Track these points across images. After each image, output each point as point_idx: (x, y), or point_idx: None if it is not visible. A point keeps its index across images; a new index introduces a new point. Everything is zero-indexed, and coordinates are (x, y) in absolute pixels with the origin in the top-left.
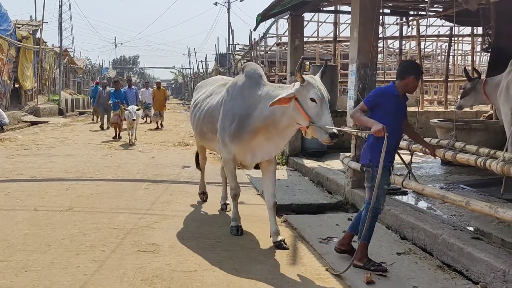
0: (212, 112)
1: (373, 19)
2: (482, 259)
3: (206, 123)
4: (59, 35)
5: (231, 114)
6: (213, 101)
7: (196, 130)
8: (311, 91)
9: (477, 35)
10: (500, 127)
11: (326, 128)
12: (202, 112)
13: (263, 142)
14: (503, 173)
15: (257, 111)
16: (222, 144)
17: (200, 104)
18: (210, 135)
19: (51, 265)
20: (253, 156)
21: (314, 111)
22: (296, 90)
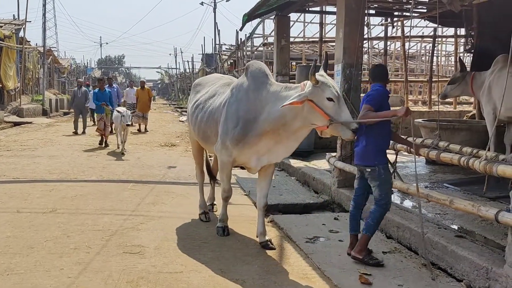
0: (215, 114)
1: (358, 19)
2: (466, 257)
3: (209, 125)
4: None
5: (235, 117)
6: (216, 102)
7: (198, 133)
8: (327, 90)
9: (460, 36)
10: (483, 127)
11: (349, 125)
12: (205, 114)
13: (272, 145)
14: (486, 172)
15: (263, 115)
16: (221, 146)
17: (203, 105)
18: (213, 139)
19: (34, 268)
20: (259, 159)
21: (333, 110)
22: (310, 92)
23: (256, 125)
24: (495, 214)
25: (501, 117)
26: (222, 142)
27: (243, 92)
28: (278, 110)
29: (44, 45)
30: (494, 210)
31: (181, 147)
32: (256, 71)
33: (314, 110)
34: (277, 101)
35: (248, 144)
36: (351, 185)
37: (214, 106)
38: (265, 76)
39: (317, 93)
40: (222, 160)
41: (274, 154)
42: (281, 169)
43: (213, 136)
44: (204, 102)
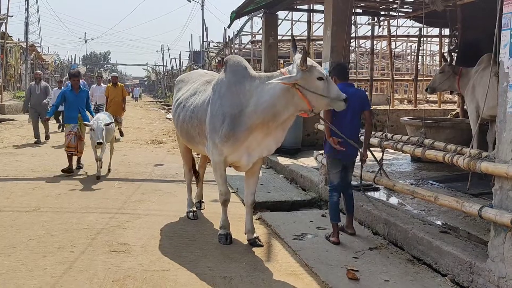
0: (198, 113)
1: (346, 18)
2: (450, 252)
3: (192, 125)
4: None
5: (220, 113)
6: (198, 100)
7: (182, 132)
8: (316, 71)
9: (444, 36)
10: (466, 125)
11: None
12: (187, 113)
13: (261, 139)
14: (469, 168)
15: (250, 107)
16: (212, 145)
17: (184, 104)
18: (198, 138)
19: (17, 268)
20: (250, 155)
21: (324, 88)
22: (300, 76)
23: (244, 119)
24: (479, 210)
25: (484, 116)
26: (211, 141)
27: (225, 87)
28: (266, 101)
29: (26, 40)
30: (478, 206)
31: (168, 144)
32: (234, 65)
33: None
34: (263, 92)
35: (238, 140)
36: None
37: (197, 105)
38: (244, 69)
39: (307, 76)
40: (213, 160)
41: (264, 148)
42: (268, 167)
43: (197, 135)
44: (186, 100)
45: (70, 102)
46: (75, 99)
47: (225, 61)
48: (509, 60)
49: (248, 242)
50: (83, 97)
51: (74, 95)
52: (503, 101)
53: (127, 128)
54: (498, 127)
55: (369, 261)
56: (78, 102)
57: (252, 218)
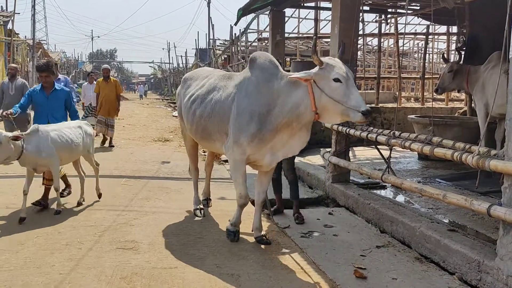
0: (220, 109)
1: (353, 16)
2: (458, 250)
3: (212, 121)
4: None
5: (248, 112)
6: (219, 96)
7: (197, 129)
8: (333, 71)
9: (452, 33)
10: (474, 123)
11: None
12: (206, 109)
13: (286, 139)
14: (478, 166)
15: (277, 107)
16: (234, 144)
17: (201, 100)
18: (216, 135)
19: (24, 265)
20: (273, 155)
21: (340, 92)
22: (315, 73)
23: (271, 119)
24: (487, 208)
25: (493, 114)
26: (234, 139)
27: (253, 85)
28: (291, 102)
29: (33, 38)
30: (486, 204)
31: (175, 142)
32: (265, 63)
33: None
34: (288, 92)
35: (264, 140)
36: (346, 180)
37: (218, 101)
38: (275, 67)
39: (322, 74)
40: (235, 158)
41: (289, 148)
42: None
43: (216, 132)
44: (203, 96)
45: (38, 107)
46: (45, 102)
47: (252, 58)
48: None
49: (256, 239)
50: (58, 99)
51: (44, 97)
52: None
53: (133, 126)
54: (508, 125)
55: (377, 259)
56: (49, 108)
57: (260, 216)
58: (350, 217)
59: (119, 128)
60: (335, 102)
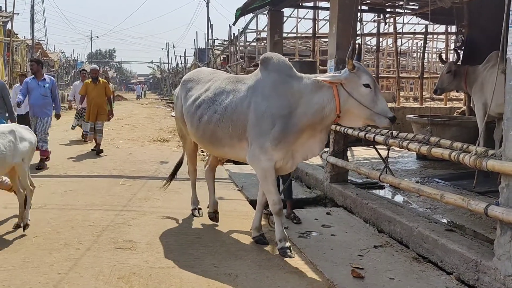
0: (232, 114)
1: (352, 15)
2: (456, 250)
3: (222, 127)
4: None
5: (269, 115)
6: (230, 101)
7: (203, 134)
8: (364, 76)
9: (451, 33)
10: (473, 123)
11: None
12: (214, 114)
13: (306, 141)
14: (476, 166)
15: (300, 108)
16: (260, 150)
17: (209, 105)
18: (227, 141)
19: (23, 264)
20: (293, 158)
21: (369, 97)
22: (345, 77)
23: (294, 121)
24: (485, 208)
25: (491, 113)
26: (259, 146)
27: (269, 87)
28: (316, 103)
29: (32, 38)
30: (484, 204)
31: (174, 142)
32: (279, 65)
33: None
34: (313, 93)
35: (288, 143)
36: (344, 180)
37: (229, 106)
38: (290, 68)
39: (353, 79)
40: (263, 166)
41: (308, 150)
42: None
43: (227, 137)
44: (210, 101)
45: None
46: None
47: (265, 59)
48: None
49: (254, 239)
50: None
51: None
52: (511, 98)
53: (132, 126)
54: (505, 125)
55: (374, 259)
56: None
57: (261, 216)
58: (348, 217)
59: (118, 128)
60: (363, 106)
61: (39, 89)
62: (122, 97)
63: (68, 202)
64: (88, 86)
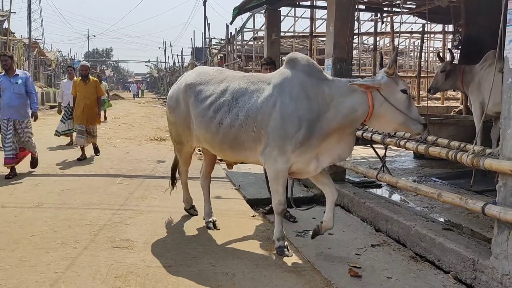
0: (257, 114)
1: (349, 14)
2: (453, 249)
3: (246, 130)
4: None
5: (296, 118)
6: (255, 102)
7: (223, 139)
8: (401, 82)
9: (448, 32)
10: (470, 122)
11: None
12: (237, 117)
13: (333, 145)
14: (473, 165)
15: (330, 112)
16: (278, 152)
17: (230, 108)
18: (250, 144)
19: (20, 263)
20: (319, 161)
21: (405, 103)
22: (384, 82)
23: (321, 124)
24: (482, 207)
25: (489, 112)
26: (279, 148)
27: (298, 89)
28: (348, 107)
29: (29, 37)
30: (481, 203)
31: (171, 141)
32: (308, 65)
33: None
34: (345, 96)
35: (311, 147)
36: (341, 179)
37: (253, 107)
38: (320, 71)
39: (391, 84)
40: (278, 168)
41: (335, 154)
42: None
43: (250, 141)
44: (230, 103)
45: None
46: None
47: (292, 59)
48: None
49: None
50: None
51: None
52: (508, 97)
53: (129, 125)
54: (503, 124)
55: (372, 258)
56: None
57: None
58: (345, 216)
59: (115, 127)
60: (399, 112)
61: (12, 87)
62: (119, 96)
63: (65, 201)
64: (77, 85)
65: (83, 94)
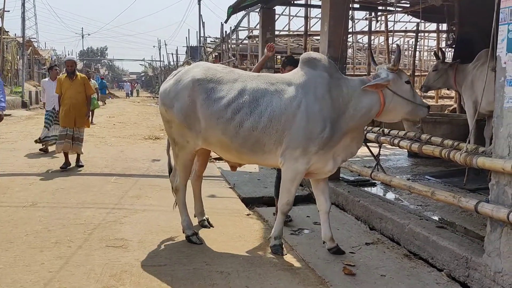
0: (281, 116)
1: (343, 13)
2: (446, 247)
3: (270, 133)
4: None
5: (321, 118)
6: (278, 103)
7: (243, 142)
8: (404, 75)
9: (442, 31)
10: (463, 120)
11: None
12: (261, 119)
13: (348, 143)
14: (466, 163)
15: (348, 112)
16: (301, 153)
17: (251, 109)
18: (271, 147)
19: (14, 263)
20: (335, 160)
21: (410, 93)
22: (392, 78)
23: (341, 124)
24: (475, 205)
25: (482, 111)
26: (303, 149)
27: (323, 89)
28: (365, 106)
29: (23, 36)
30: (474, 201)
31: (165, 140)
32: (330, 65)
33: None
34: (361, 96)
35: (332, 147)
36: (336, 178)
37: (277, 107)
38: (337, 70)
39: (396, 79)
40: (297, 169)
41: (348, 152)
42: None
43: (272, 143)
44: (251, 104)
45: None
46: None
47: (311, 59)
48: (506, 55)
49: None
50: None
51: None
52: (500, 96)
53: (124, 124)
54: (495, 122)
55: (366, 256)
56: None
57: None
58: (340, 214)
59: (110, 126)
60: (407, 101)
61: None
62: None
63: (60, 200)
64: (62, 83)
65: (69, 93)
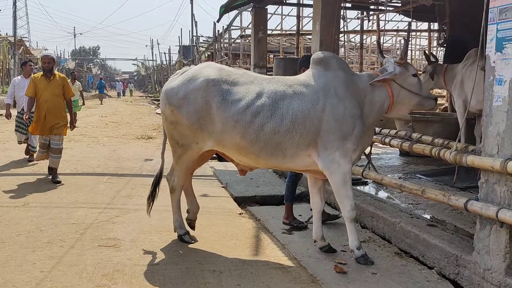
0: (305, 120)
1: (335, 12)
2: (437, 245)
3: (293, 136)
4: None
5: (349, 117)
6: (300, 106)
7: (264, 146)
8: (411, 68)
9: (433, 30)
10: (455, 119)
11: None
12: (283, 122)
13: (367, 139)
14: (456, 162)
15: (366, 108)
16: (340, 154)
17: (271, 112)
18: (291, 150)
19: (5, 263)
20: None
21: (418, 85)
22: (399, 72)
23: (364, 120)
24: (465, 203)
25: (472, 110)
26: (340, 149)
27: (342, 88)
28: (378, 101)
29: (14, 35)
30: (464, 199)
31: (158, 139)
32: (342, 62)
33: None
34: (373, 91)
35: (362, 143)
36: None
37: (299, 111)
38: (349, 68)
39: (404, 72)
40: (344, 170)
41: (365, 147)
42: None
43: (293, 147)
44: (271, 107)
45: None
46: None
47: (322, 59)
48: (495, 54)
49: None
50: None
51: None
52: (489, 95)
53: (116, 123)
54: (484, 121)
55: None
56: None
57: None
58: (332, 213)
59: (102, 125)
60: (415, 94)
61: None
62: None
63: (52, 200)
64: (37, 83)
65: (46, 95)
